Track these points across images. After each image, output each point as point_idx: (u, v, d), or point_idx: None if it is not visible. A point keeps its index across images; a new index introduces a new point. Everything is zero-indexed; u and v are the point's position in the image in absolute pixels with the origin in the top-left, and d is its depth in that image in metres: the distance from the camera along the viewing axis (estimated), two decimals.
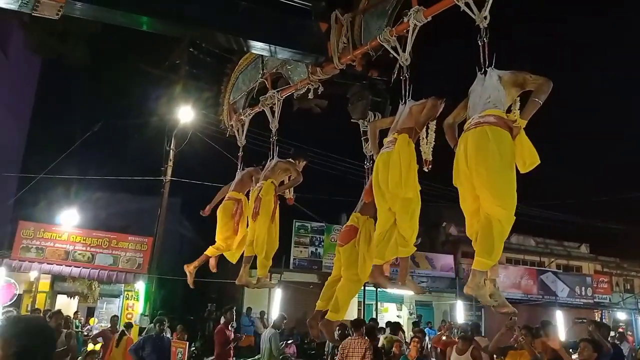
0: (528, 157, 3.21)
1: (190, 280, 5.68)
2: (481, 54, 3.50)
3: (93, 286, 14.62)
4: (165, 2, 4.13)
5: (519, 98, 3.48)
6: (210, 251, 5.56)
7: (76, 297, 14.96)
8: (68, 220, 15.26)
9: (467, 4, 3.58)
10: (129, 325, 10.53)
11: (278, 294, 16.81)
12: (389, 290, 18.81)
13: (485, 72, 3.49)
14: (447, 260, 20.32)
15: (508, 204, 3.14)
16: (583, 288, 21.22)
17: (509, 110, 3.41)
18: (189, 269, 5.63)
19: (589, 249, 25.19)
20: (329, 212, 19.00)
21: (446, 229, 22.11)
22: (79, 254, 14.49)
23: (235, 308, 11.02)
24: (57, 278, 14.44)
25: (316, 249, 18.25)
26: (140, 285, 14.72)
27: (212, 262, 5.67)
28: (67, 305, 14.61)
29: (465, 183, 3.29)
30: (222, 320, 9.80)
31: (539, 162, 3.24)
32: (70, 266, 14.15)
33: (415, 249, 3.81)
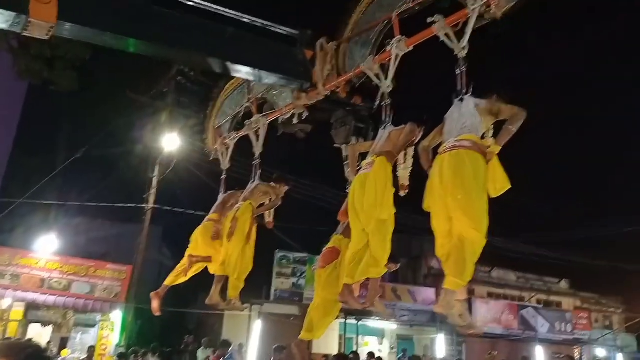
0: (499, 182, 3.34)
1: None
2: (459, 82, 3.65)
3: (67, 315, 14.26)
4: (153, 25, 4.22)
5: (492, 126, 3.64)
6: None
7: (50, 326, 14.55)
8: (45, 246, 14.95)
9: (446, 35, 3.76)
10: (121, 356, 10.36)
11: (258, 326, 16.56)
12: (370, 323, 18.64)
13: (462, 100, 3.63)
14: (429, 293, 20.23)
15: (482, 227, 3.22)
16: (563, 324, 21.25)
17: (482, 137, 3.55)
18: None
19: (569, 285, 25.38)
20: (311, 243, 18.89)
21: (428, 262, 22.13)
22: (55, 281, 14.18)
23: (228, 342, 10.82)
24: (31, 306, 14.05)
25: (298, 280, 18.03)
26: (117, 315, 14.39)
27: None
28: (39, 334, 14.17)
29: (439, 204, 3.37)
30: (200, 352, 9.56)
31: (510, 186, 3.37)
32: (45, 294, 13.83)
33: (386, 270, 3.83)
